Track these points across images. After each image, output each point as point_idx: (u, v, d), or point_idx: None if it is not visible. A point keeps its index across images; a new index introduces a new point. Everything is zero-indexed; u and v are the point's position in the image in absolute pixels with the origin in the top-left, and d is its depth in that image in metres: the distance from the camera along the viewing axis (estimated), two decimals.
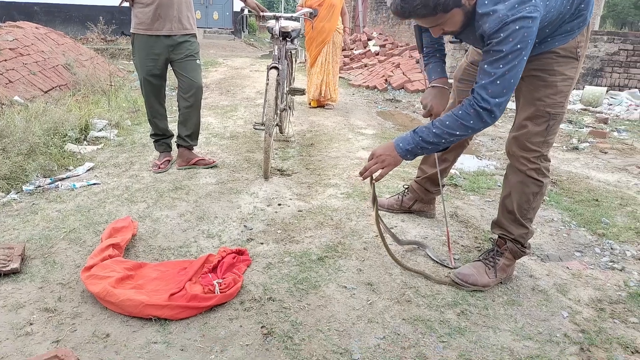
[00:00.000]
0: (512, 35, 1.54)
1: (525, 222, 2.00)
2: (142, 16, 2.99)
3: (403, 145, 1.77)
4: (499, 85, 1.60)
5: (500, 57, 1.57)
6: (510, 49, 1.55)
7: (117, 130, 4.39)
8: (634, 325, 1.80)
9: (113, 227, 2.27)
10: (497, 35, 1.56)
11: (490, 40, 1.59)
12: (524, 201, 1.96)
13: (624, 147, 4.53)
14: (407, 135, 1.77)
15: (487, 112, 1.63)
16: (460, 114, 1.67)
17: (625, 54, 7.69)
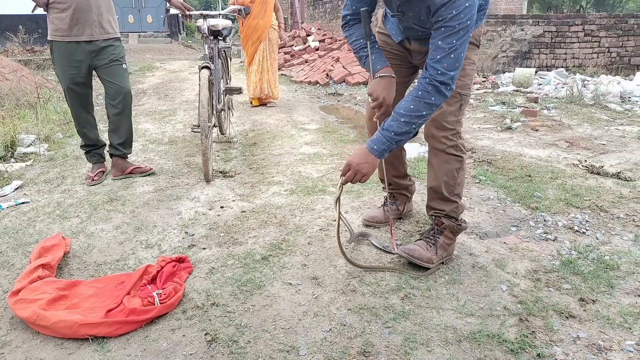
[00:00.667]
0: (463, 11, 1.61)
1: (453, 198, 2.07)
2: (59, 22, 2.84)
3: (378, 147, 1.77)
4: (452, 59, 1.66)
5: (454, 32, 1.64)
6: (462, 24, 1.63)
7: (48, 144, 4.16)
8: (567, 291, 1.89)
9: (42, 246, 2.14)
10: (449, 11, 1.62)
11: (442, 16, 1.64)
12: (449, 178, 2.03)
13: (553, 124, 4.76)
14: (378, 135, 1.77)
15: (444, 86, 1.69)
16: (421, 94, 1.71)
17: (550, 35, 8.10)
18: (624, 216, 2.57)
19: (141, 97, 6.75)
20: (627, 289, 1.90)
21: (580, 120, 4.97)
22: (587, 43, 8.27)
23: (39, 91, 5.69)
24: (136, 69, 9.98)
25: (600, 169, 3.29)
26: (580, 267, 2.04)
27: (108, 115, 3.14)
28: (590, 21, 8.21)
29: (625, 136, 4.30)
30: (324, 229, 2.41)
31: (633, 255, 2.15)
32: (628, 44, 8.42)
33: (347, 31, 2.04)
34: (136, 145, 3.97)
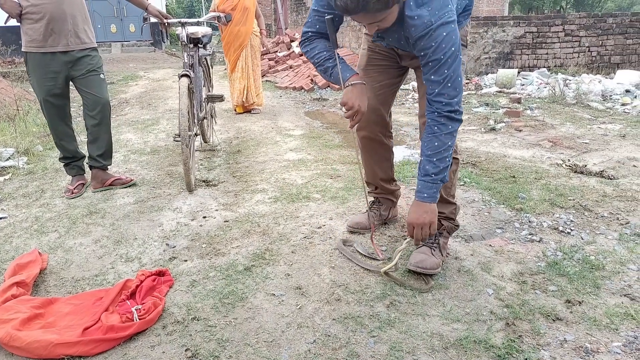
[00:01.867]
0: (442, 42, 1.62)
1: (450, 199, 2.10)
2: (33, 33, 2.77)
3: (428, 193, 1.78)
4: (451, 87, 1.68)
5: (441, 65, 1.65)
6: (447, 53, 1.64)
7: (27, 157, 4.07)
8: (554, 293, 1.87)
9: (17, 263, 2.08)
10: (429, 43, 1.62)
11: (424, 49, 1.65)
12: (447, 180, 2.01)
13: (536, 124, 4.79)
14: (422, 184, 1.78)
15: (454, 113, 1.72)
16: (437, 129, 1.73)
17: (531, 36, 8.18)
18: (608, 215, 2.57)
19: (124, 107, 6.67)
20: (612, 289, 1.89)
21: (562, 120, 5.01)
22: (567, 43, 8.37)
23: (18, 104, 5.59)
24: (119, 79, 9.88)
25: (584, 168, 3.30)
26: (566, 268, 2.03)
27: (86, 126, 3.08)
28: (570, 21, 8.31)
29: (607, 134, 4.34)
30: (308, 237, 2.37)
31: (618, 255, 2.15)
32: (608, 43, 8.54)
33: (307, 46, 1.96)
34: (117, 156, 3.91)
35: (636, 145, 3.93)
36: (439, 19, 1.60)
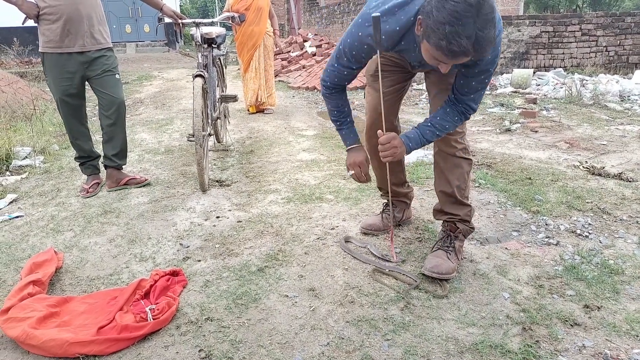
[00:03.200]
0: (497, 54, 1.68)
1: (465, 201, 2.07)
2: (50, 34, 2.80)
3: (412, 145, 1.83)
4: (481, 94, 1.80)
5: (489, 75, 1.72)
6: (495, 65, 1.71)
7: (43, 156, 4.12)
8: (571, 297, 1.84)
9: (34, 262, 2.10)
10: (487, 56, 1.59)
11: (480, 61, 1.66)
12: (461, 181, 2.04)
13: (552, 125, 4.72)
14: (416, 137, 1.83)
15: (472, 112, 1.84)
16: (457, 119, 1.82)
17: (547, 35, 8.08)
18: (627, 218, 2.52)
19: (138, 107, 6.73)
20: (632, 294, 1.85)
21: (579, 121, 4.93)
22: (584, 42, 8.24)
23: (35, 103, 5.67)
24: (134, 79, 9.97)
25: (602, 170, 3.24)
26: (584, 273, 2.00)
27: (102, 126, 3.11)
28: (587, 20, 8.19)
29: (625, 136, 4.26)
30: (321, 238, 2.36)
31: (638, 259, 2.10)
32: (626, 43, 8.39)
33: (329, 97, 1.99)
34: (132, 156, 3.94)
35: None
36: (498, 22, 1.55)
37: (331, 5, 12.28)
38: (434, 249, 2.07)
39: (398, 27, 1.62)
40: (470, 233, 2.13)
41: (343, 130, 2.05)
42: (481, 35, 1.39)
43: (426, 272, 1.93)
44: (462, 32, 1.38)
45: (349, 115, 2.03)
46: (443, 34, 1.40)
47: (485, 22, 1.39)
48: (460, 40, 1.39)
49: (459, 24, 1.37)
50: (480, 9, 1.37)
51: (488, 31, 1.40)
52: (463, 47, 1.40)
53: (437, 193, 2.11)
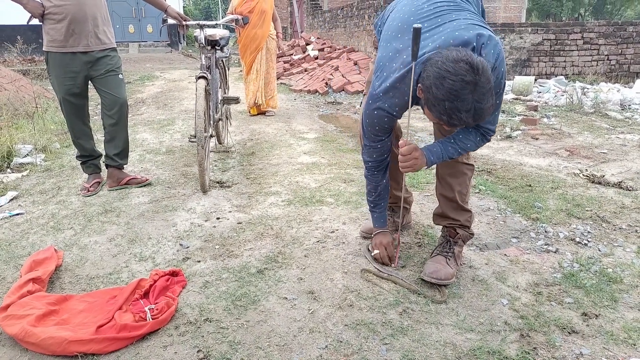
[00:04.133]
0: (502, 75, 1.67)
1: (466, 206, 2.08)
2: (55, 33, 2.81)
3: (433, 159, 1.80)
4: (497, 115, 1.79)
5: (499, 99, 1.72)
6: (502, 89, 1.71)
7: (45, 154, 4.13)
8: (570, 305, 1.84)
9: (34, 259, 2.11)
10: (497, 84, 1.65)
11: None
12: (463, 187, 2.04)
13: (553, 132, 4.73)
14: (438, 151, 1.80)
15: (492, 135, 1.84)
16: (478, 140, 1.81)
17: (549, 43, 8.11)
18: (626, 227, 2.53)
19: (140, 107, 6.74)
20: (630, 303, 1.85)
21: (580, 129, 4.94)
22: (586, 51, 8.27)
23: (37, 101, 5.68)
24: (136, 79, 9.99)
25: (602, 178, 3.25)
26: (583, 280, 2.00)
27: (104, 125, 3.12)
28: (589, 29, 8.22)
29: (626, 145, 4.27)
30: (321, 241, 2.37)
31: (636, 268, 2.11)
32: (627, 52, 8.42)
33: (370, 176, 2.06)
34: (133, 156, 3.94)
35: None
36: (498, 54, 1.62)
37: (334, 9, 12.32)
38: (434, 254, 2.07)
39: (406, 97, 1.70)
40: (469, 239, 2.14)
41: (375, 212, 2.15)
42: (479, 106, 1.47)
43: (425, 278, 1.94)
44: (461, 107, 1.46)
45: (384, 199, 2.11)
46: (443, 109, 1.49)
47: (482, 94, 1.46)
48: (460, 114, 1.47)
49: (457, 101, 1.45)
50: (477, 85, 1.44)
51: (486, 102, 1.48)
52: (463, 120, 1.49)
53: (438, 196, 2.12)
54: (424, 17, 1.71)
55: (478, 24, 1.65)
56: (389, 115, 1.78)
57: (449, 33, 1.61)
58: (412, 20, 1.72)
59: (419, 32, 1.55)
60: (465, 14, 1.71)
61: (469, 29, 1.62)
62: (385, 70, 1.73)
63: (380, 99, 1.75)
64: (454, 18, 1.67)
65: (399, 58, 1.69)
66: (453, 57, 1.46)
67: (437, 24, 1.67)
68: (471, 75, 1.43)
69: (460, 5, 1.76)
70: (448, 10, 1.72)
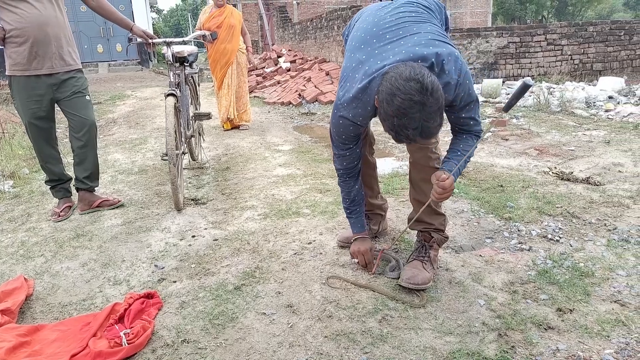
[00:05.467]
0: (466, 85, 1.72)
1: (439, 210, 2.11)
2: (17, 56, 2.76)
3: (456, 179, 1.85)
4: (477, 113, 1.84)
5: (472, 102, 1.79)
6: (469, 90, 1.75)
7: (13, 180, 4.02)
8: (545, 301, 1.87)
9: (2, 290, 2.04)
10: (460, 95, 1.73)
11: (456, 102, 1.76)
12: None
13: (522, 132, 4.84)
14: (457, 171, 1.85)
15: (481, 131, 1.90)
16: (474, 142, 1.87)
17: (514, 46, 8.32)
18: (596, 221, 2.59)
19: (111, 127, 6.64)
20: (602, 296, 1.90)
21: (548, 128, 5.07)
22: (550, 52, 8.52)
23: (3, 126, 5.54)
24: (106, 98, 9.85)
25: (570, 175, 3.33)
26: (556, 276, 2.04)
27: (72, 148, 3.06)
28: (551, 31, 8.47)
29: (592, 141, 4.39)
30: (298, 253, 2.36)
31: (606, 261, 2.16)
32: (589, 51, 8.70)
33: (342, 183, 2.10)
34: (105, 177, 3.88)
35: (621, 150, 3.98)
36: (460, 68, 1.67)
37: (304, 21, 12.42)
38: (410, 259, 2.09)
39: (369, 107, 1.73)
40: (444, 242, 2.16)
41: (352, 218, 2.16)
42: (427, 125, 1.51)
43: (403, 284, 1.95)
44: (409, 124, 1.49)
45: (359, 205, 2.12)
46: (392, 124, 1.53)
47: (430, 114, 1.49)
48: (407, 131, 1.51)
49: (405, 118, 1.49)
50: (424, 105, 1.47)
51: (434, 121, 1.51)
52: (409, 137, 1.53)
53: (412, 201, 2.14)
54: (386, 28, 1.74)
55: (438, 39, 1.68)
56: (353, 124, 1.81)
57: (409, 48, 1.65)
58: (375, 30, 1.75)
59: (527, 88, 1.62)
60: (427, 26, 1.74)
61: (429, 44, 1.65)
62: (349, 80, 1.75)
63: (344, 109, 1.78)
64: (415, 32, 1.70)
65: (362, 69, 1.71)
66: (406, 76, 1.48)
67: (399, 36, 1.70)
68: (420, 96, 1.46)
69: (422, 16, 1.80)
70: (410, 22, 1.75)
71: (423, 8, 1.85)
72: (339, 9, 9.27)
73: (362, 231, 2.17)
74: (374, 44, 1.72)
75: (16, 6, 2.69)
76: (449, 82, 1.66)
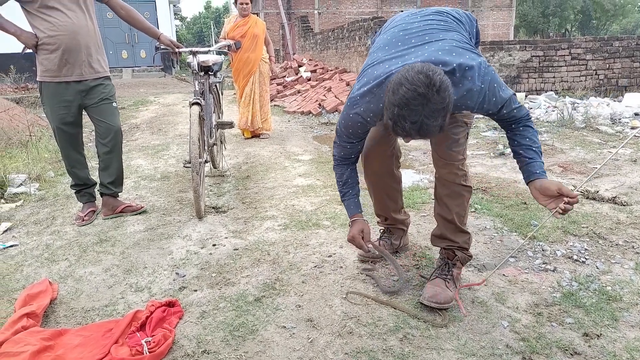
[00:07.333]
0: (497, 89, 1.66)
1: (464, 228, 2.08)
2: (48, 63, 2.83)
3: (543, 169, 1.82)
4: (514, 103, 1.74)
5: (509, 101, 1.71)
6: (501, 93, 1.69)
7: (39, 183, 4.11)
8: (571, 326, 1.83)
9: (28, 293, 2.07)
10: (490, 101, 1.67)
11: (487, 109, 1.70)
12: (461, 209, 2.04)
13: (545, 148, 4.77)
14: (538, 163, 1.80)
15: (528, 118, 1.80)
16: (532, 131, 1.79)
17: (537, 60, 8.23)
18: (623, 243, 2.53)
19: (134, 132, 6.75)
20: (631, 322, 1.85)
21: (572, 144, 4.99)
22: (574, 66, 8.40)
23: (30, 129, 5.67)
24: (130, 104, 10.02)
25: (596, 194, 3.26)
26: (582, 299, 1.99)
27: (98, 153, 3.11)
28: (576, 45, 8.36)
29: (618, 159, 4.31)
30: (319, 266, 2.35)
31: (635, 285, 2.11)
32: (615, 66, 8.56)
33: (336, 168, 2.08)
34: (128, 182, 3.93)
35: None
36: (483, 76, 1.62)
37: (325, 31, 12.49)
38: (432, 277, 2.06)
39: (381, 104, 1.68)
40: (468, 261, 2.13)
41: (345, 201, 2.10)
42: (427, 122, 1.47)
43: (425, 302, 1.92)
44: (408, 116, 1.46)
45: (352, 187, 2.07)
46: (392, 114, 1.50)
47: (433, 111, 1.46)
48: (405, 123, 1.48)
49: (405, 109, 1.46)
50: (428, 99, 1.44)
51: (435, 120, 1.47)
52: (406, 130, 1.50)
53: (436, 217, 2.12)
54: (412, 33, 1.74)
55: (462, 47, 1.67)
56: (362, 120, 1.79)
57: (431, 52, 1.64)
58: (401, 35, 1.76)
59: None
60: (453, 34, 1.73)
61: (452, 51, 1.64)
62: (367, 76, 1.74)
63: (357, 103, 1.76)
64: (441, 38, 1.70)
65: (381, 67, 1.70)
66: (417, 69, 1.47)
67: (424, 41, 1.70)
68: (425, 89, 1.44)
69: (450, 25, 1.79)
70: (437, 30, 1.74)
71: (452, 18, 1.85)
72: (361, 20, 9.31)
73: (356, 211, 2.08)
74: (399, 47, 1.72)
75: (50, 15, 2.76)
76: (472, 88, 1.63)
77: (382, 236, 2.43)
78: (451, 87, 1.50)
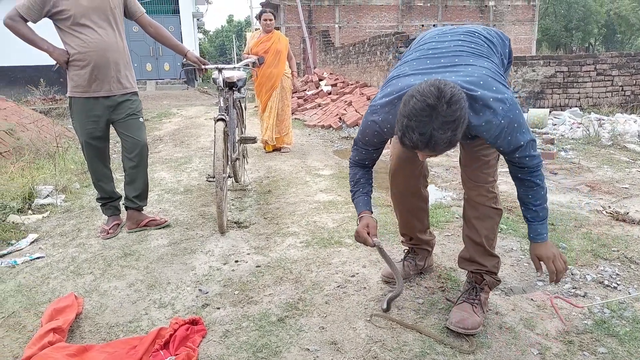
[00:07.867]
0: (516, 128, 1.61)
1: (493, 252, 2.03)
2: (78, 79, 2.90)
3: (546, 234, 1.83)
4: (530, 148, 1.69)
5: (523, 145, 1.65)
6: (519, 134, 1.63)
7: (65, 195, 4.19)
8: (604, 356, 1.77)
9: (54, 307, 2.10)
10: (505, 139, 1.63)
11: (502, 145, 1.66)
12: (490, 232, 2.00)
13: (571, 167, 4.67)
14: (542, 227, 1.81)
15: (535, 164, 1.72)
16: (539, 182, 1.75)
17: (561, 75, 8.12)
18: None
19: (158, 144, 6.85)
20: None
21: (599, 163, 4.88)
22: (600, 82, 8.26)
23: (58, 141, 5.80)
24: (153, 116, 10.19)
25: (626, 215, 3.18)
26: (615, 328, 1.93)
27: (124, 167, 3.16)
28: (601, 60, 8.23)
29: None
30: (342, 286, 2.33)
31: None
32: None
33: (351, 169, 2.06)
34: (152, 195, 3.97)
35: None
36: (507, 112, 1.58)
37: (346, 45, 12.56)
38: (459, 301, 2.02)
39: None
40: (496, 285, 2.08)
41: (354, 199, 2.06)
42: (436, 134, 1.45)
43: (451, 327, 1.88)
44: (416, 127, 1.45)
45: (363, 186, 2.02)
46: (402, 125, 1.48)
47: (443, 123, 1.43)
48: (413, 134, 1.46)
49: (414, 120, 1.44)
50: (437, 112, 1.42)
51: (444, 132, 1.44)
52: (414, 141, 1.47)
53: (464, 239, 2.08)
54: (442, 53, 1.73)
55: (492, 77, 1.63)
56: (379, 130, 1.77)
57: (459, 77, 1.61)
58: (431, 53, 1.75)
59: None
60: (484, 61, 1.70)
61: (480, 79, 1.61)
62: (391, 86, 1.73)
63: (376, 111, 1.74)
64: (471, 63, 1.68)
65: (406, 80, 1.69)
66: (430, 82, 1.46)
67: (454, 63, 1.68)
68: (434, 100, 1.42)
69: (482, 49, 1.77)
70: (468, 54, 1.72)
71: (484, 40, 1.83)
72: (382, 35, 9.33)
73: (364, 208, 2.01)
74: (427, 64, 1.71)
75: (81, 32, 2.84)
76: (491, 121, 1.59)
77: (406, 256, 2.40)
78: (465, 102, 1.48)
